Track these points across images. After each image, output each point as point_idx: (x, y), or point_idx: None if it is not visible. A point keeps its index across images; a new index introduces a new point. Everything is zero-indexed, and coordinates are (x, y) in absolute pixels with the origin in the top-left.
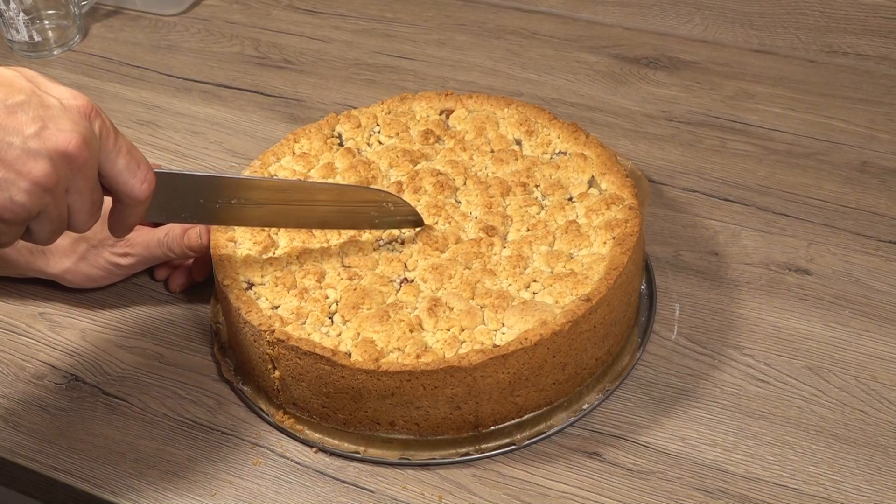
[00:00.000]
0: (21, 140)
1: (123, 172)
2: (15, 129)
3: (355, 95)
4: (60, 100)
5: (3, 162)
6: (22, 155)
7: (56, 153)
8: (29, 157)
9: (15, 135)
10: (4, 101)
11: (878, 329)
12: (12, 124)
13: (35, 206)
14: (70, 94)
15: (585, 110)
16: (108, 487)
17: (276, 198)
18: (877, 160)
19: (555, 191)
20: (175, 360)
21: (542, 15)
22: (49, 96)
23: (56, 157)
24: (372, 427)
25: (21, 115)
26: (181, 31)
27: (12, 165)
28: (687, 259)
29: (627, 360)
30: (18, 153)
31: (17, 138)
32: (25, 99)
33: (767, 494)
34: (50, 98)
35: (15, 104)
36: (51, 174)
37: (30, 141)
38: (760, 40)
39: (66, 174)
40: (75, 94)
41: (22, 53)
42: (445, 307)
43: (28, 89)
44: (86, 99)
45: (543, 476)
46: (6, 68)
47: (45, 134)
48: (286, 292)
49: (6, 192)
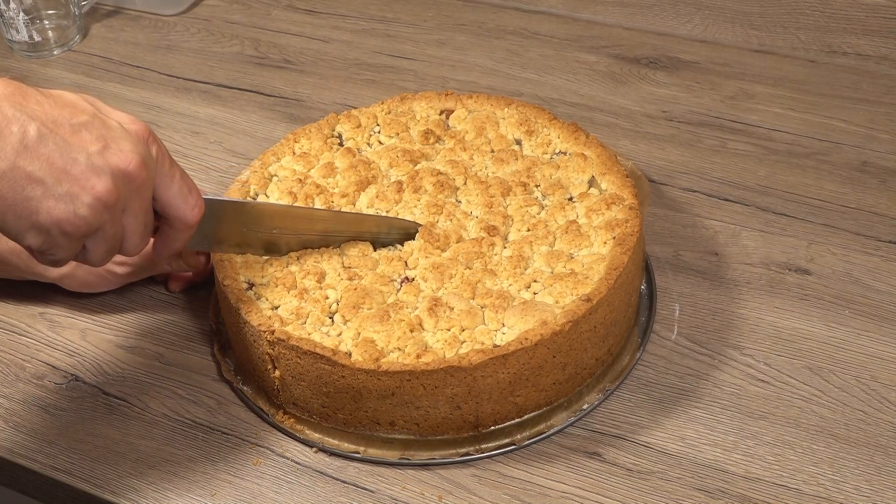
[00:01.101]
0: (86, 157)
1: (176, 196)
2: (80, 147)
3: (355, 95)
4: (121, 123)
5: (70, 176)
6: (87, 170)
7: (118, 171)
8: (93, 172)
9: (80, 151)
10: (70, 121)
11: (878, 329)
12: (77, 142)
13: (96, 221)
14: (129, 119)
15: (585, 110)
16: (108, 487)
17: (314, 228)
18: (877, 160)
19: (555, 191)
20: (175, 360)
21: (542, 15)
22: (110, 119)
23: (118, 175)
24: (372, 427)
25: (85, 133)
26: (181, 31)
27: (77, 180)
28: (687, 259)
29: (627, 360)
30: (83, 168)
31: (82, 155)
32: (89, 120)
33: (767, 494)
34: (111, 121)
35: (79, 123)
36: (112, 191)
37: (94, 158)
38: (760, 40)
39: (125, 193)
40: (134, 120)
41: (22, 53)
42: (446, 307)
43: (91, 111)
44: (143, 124)
45: (543, 476)
46: (68, 92)
47: (107, 153)
48: (286, 292)
49: (71, 205)
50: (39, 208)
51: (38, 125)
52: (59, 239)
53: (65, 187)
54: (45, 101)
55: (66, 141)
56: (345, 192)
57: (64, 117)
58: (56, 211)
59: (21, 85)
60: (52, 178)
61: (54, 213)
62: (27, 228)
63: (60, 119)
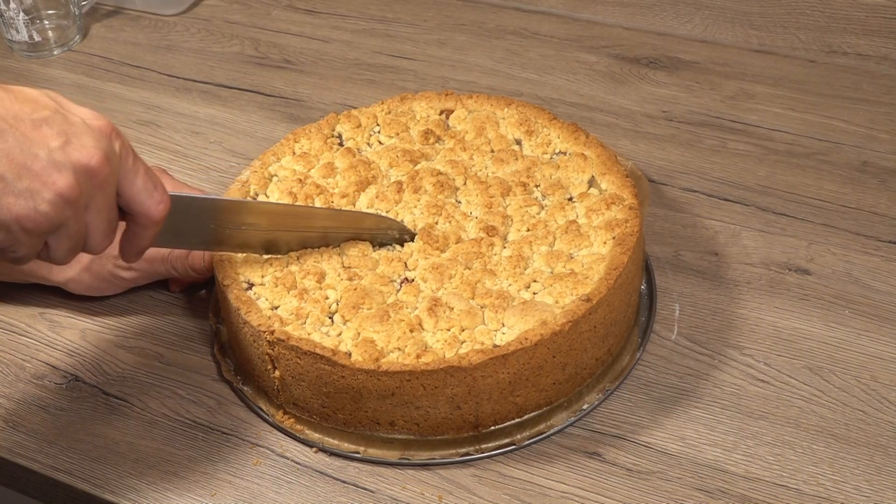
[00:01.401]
0: (46, 152)
1: (141, 192)
2: (41, 142)
3: (355, 95)
4: (83, 119)
5: (30, 172)
6: (48, 166)
7: (79, 167)
8: (54, 168)
9: (41, 147)
10: (30, 116)
11: (878, 329)
12: (38, 137)
13: (57, 217)
14: (92, 115)
15: (585, 110)
16: (108, 487)
17: (284, 223)
18: (877, 160)
19: (555, 191)
20: (175, 360)
21: (542, 15)
22: (72, 115)
23: (79, 170)
24: (372, 427)
25: (46, 129)
26: (181, 31)
27: (38, 176)
28: (687, 259)
29: (627, 360)
30: (44, 164)
31: (42, 150)
32: (50, 115)
33: (767, 494)
34: (73, 116)
35: (40, 119)
36: (74, 186)
37: (55, 153)
38: (760, 40)
39: (88, 189)
40: (96, 115)
41: (22, 53)
42: (445, 307)
43: (52, 107)
44: (106, 120)
45: (543, 476)
46: (30, 88)
47: (69, 148)
48: (286, 292)
49: (31, 201)
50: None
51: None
52: (19, 236)
53: (25, 183)
54: (4, 97)
55: (26, 136)
56: (345, 192)
57: (25, 112)
58: (16, 207)
59: None
60: (12, 173)
61: (14, 210)
62: None
63: (21, 114)
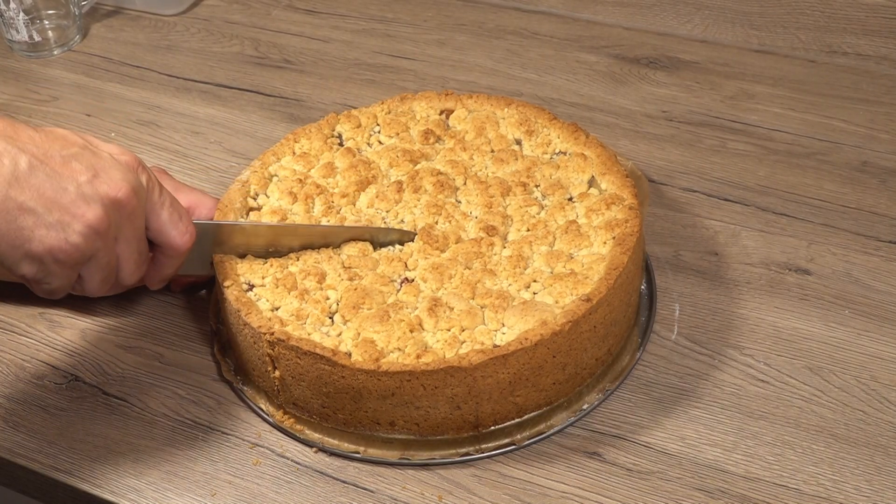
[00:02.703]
0: (76, 186)
1: (167, 224)
2: (70, 177)
3: (355, 95)
4: (111, 154)
5: (60, 205)
6: (77, 199)
7: (108, 199)
8: (83, 201)
9: (70, 181)
10: (60, 152)
11: (878, 329)
12: (67, 172)
13: (88, 248)
14: (119, 150)
15: (585, 110)
16: (108, 487)
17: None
18: (877, 160)
19: (555, 191)
20: (175, 360)
21: (542, 15)
22: (100, 150)
23: (108, 202)
24: (372, 427)
25: (75, 164)
26: (181, 31)
27: (68, 209)
28: (687, 259)
29: (627, 360)
30: (73, 197)
31: (71, 184)
32: (79, 151)
33: (767, 494)
34: (101, 151)
35: (70, 155)
36: (103, 218)
37: (84, 187)
38: (760, 40)
39: (117, 221)
40: (123, 150)
41: (22, 53)
42: (446, 307)
43: (81, 143)
44: (133, 155)
45: (543, 476)
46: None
47: (97, 182)
48: (287, 293)
49: (62, 232)
50: (32, 237)
51: (29, 157)
52: (52, 267)
53: (56, 216)
54: (35, 136)
55: (56, 172)
56: (345, 192)
57: (54, 149)
58: (48, 239)
59: (13, 120)
60: (43, 207)
61: (46, 242)
62: (21, 257)
63: (51, 151)
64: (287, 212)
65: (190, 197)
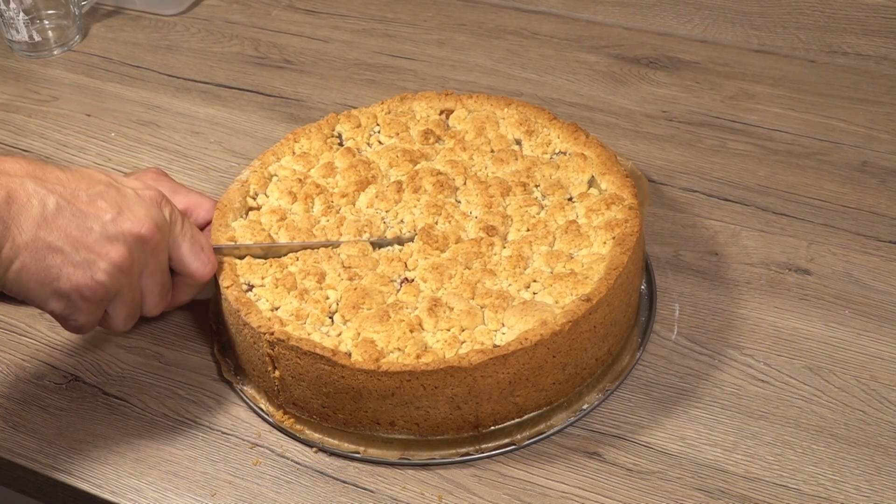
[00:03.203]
0: (101, 225)
1: (188, 255)
2: (95, 216)
3: (355, 95)
4: (135, 190)
5: (86, 244)
6: (102, 238)
7: (131, 236)
8: (108, 240)
9: (95, 220)
10: (87, 191)
11: (878, 329)
12: (93, 211)
13: (113, 285)
14: (142, 185)
15: (585, 110)
16: (108, 487)
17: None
18: (877, 160)
19: (555, 191)
20: (175, 360)
21: (542, 15)
22: (124, 187)
23: (131, 240)
24: (372, 427)
25: (101, 202)
26: (181, 31)
27: (93, 248)
28: (687, 259)
29: (627, 360)
30: (98, 237)
31: (97, 224)
32: (104, 189)
33: (767, 494)
34: (125, 188)
35: (95, 193)
36: (127, 256)
37: (108, 226)
38: (760, 40)
39: (140, 256)
40: (147, 185)
41: (22, 53)
42: (445, 307)
43: (105, 181)
44: (156, 190)
45: (543, 476)
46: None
47: (121, 219)
48: (286, 293)
49: (88, 270)
50: (60, 275)
51: (57, 198)
52: (79, 304)
53: (82, 255)
54: (63, 175)
55: (82, 211)
56: (344, 191)
57: (81, 188)
58: (75, 277)
59: (41, 161)
60: (70, 246)
61: (73, 280)
62: (49, 295)
63: (77, 190)
64: (286, 211)
65: (188, 199)
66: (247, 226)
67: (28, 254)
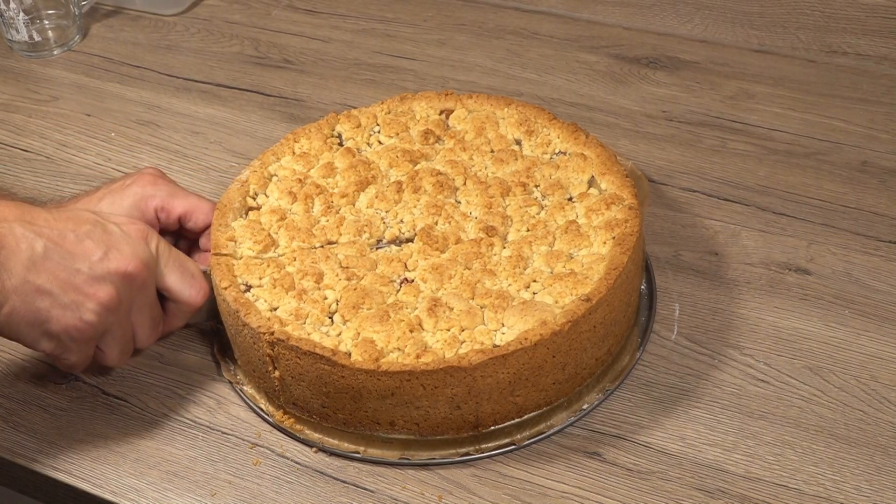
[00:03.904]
0: (88, 266)
1: (178, 284)
2: (83, 256)
3: (355, 95)
4: (119, 225)
5: (73, 286)
6: (89, 279)
7: (118, 275)
8: (95, 280)
9: (83, 261)
10: (74, 232)
11: (878, 329)
12: (80, 252)
13: (102, 325)
14: (126, 220)
15: (585, 110)
16: (108, 487)
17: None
18: (877, 160)
19: (555, 191)
20: (175, 360)
21: (542, 15)
22: (110, 224)
23: (118, 279)
24: (372, 427)
25: (88, 242)
26: (181, 31)
27: (81, 289)
28: (687, 259)
29: (627, 360)
30: (86, 278)
31: (84, 265)
32: (90, 228)
33: (767, 494)
34: (111, 225)
35: (83, 233)
36: (114, 296)
37: (96, 266)
38: (760, 40)
39: (128, 294)
40: (131, 220)
41: (22, 53)
42: (445, 307)
43: (92, 220)
44: (142, 224)
45: (543, 476)
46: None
47: (107, 259)
48: (284, 293)
49: (77, 312)
50: (49, 317)
51: (45, 241)
52: (69, 344)
53: (70, 296)
54: (50, 217)
55: (70, 252)
56: (344, 192)
57: (68, 229)
58: (64, 319)
59: (28, 205)
60: (59, 288)
61: (62, 321)
62: (39, 336)
63: (65, 231)
64: (286, 211)
65: (187, 201)
66: (246, 226)
67: (17, 297)
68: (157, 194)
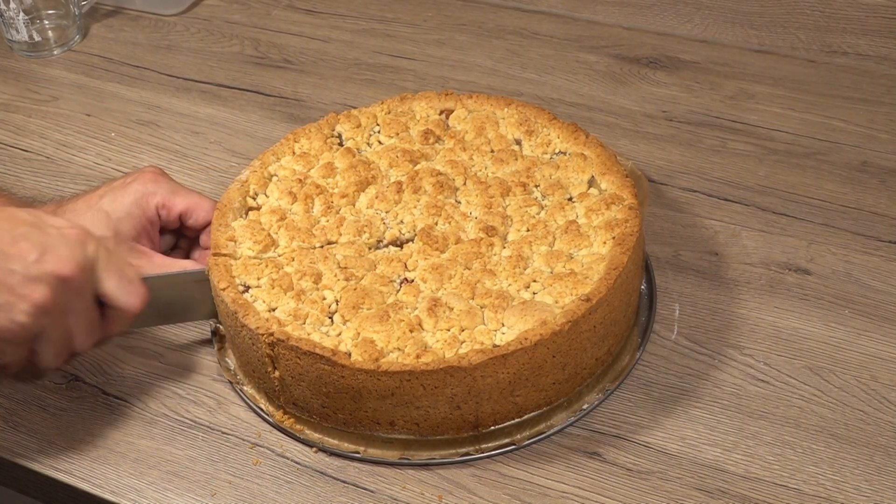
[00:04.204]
0: (23, 267)
1: (115, 289)
2: (18, 257)
3: (355, 95)
4: (58, 228)
5: (6, 286)
6: (23, 280)
7: (54, 277)
8: (29, 282)
9: (17, 262)
10: (10, 232)
11: (878, 329)
12: (16, 252)
13: (35, 326)
14: (66, 224)
15: (585, 110)
16: (108, 487)
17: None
18: (877, 160)
19: (555, 191)
20: (175, 360)
21: (542, 15)
22: (48, 225)
23: (54, 281)
24: (372, 427)
25: (23, 243)
26: (181, 31)
27: (14, 290)
28: (687, 259)
29: (627, 360)
30: (20, 279)
31: (19, 265)
32: (27, 230)
33: (767, 494)
34: (49, 227)
35: (19, 234)
36: (49, 297)
37: (30, 267)
38: (760, 40)
39: (63, 297)
40: (70, 224)
41: (22, 53)
42: (445, 307)
43: (29, 220)
44: (80, 227)
45: (543, 476)
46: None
47: (43, 260)
48: (283, 294)
49: (8, 313)
50: None
51: None
52: (1, 345)
53: (3, 297)
54: None
55: (4, 253)
56: (344, 192)
57: (4, 229)
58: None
59: None
60: None
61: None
62: None
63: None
64: (286, 211)
65: (187, 199)
66: (246, 226)
67: None
68: (158, 191)
